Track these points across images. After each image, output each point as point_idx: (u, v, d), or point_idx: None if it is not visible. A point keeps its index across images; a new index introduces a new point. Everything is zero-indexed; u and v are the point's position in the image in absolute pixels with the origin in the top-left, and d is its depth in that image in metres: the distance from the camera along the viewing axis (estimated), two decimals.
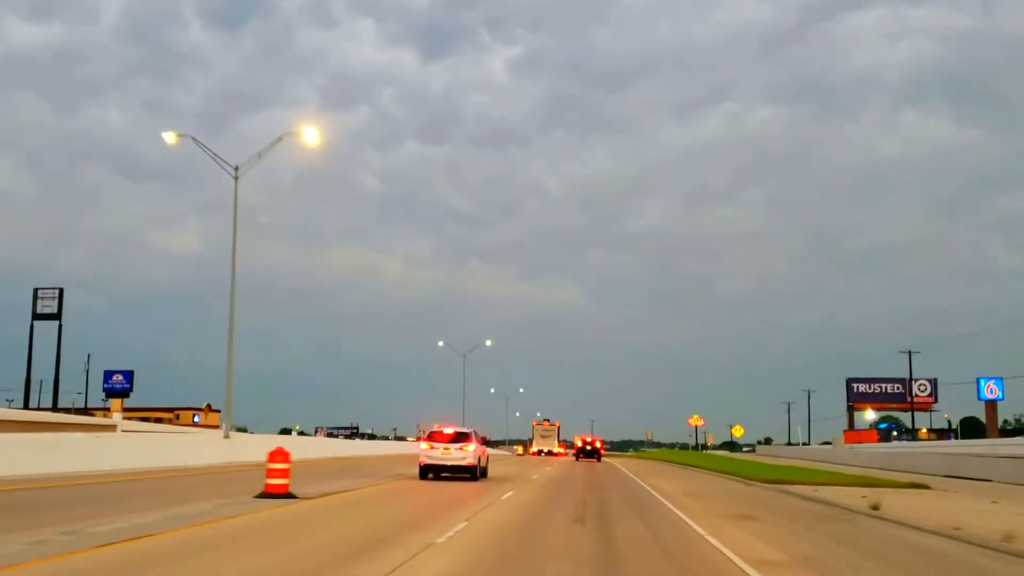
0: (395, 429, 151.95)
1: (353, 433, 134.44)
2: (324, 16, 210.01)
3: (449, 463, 23.41)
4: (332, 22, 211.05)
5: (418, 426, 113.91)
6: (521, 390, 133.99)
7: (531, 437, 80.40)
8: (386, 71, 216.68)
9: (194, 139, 31.65)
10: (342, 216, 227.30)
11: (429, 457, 23.57)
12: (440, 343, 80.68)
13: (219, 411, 64.79)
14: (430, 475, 23.65)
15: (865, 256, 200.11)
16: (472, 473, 23.77)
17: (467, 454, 23.42)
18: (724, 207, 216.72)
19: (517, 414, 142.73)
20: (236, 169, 32.27)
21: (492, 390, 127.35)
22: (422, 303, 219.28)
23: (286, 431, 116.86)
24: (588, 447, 60.10)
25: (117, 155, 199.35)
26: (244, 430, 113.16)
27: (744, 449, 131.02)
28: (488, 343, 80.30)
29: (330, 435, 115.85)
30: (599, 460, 56.78)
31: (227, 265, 33.07)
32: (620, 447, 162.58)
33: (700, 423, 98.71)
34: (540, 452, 74.05)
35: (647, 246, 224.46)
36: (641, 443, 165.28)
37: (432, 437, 24.19)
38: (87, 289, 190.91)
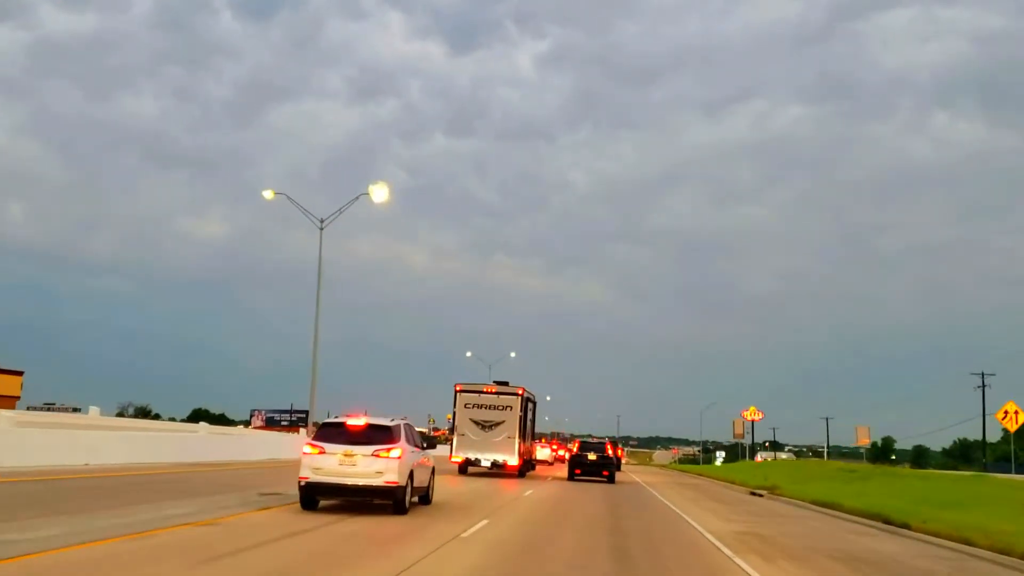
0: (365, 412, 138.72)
1: (295, 421, 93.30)
2: (354, 7, 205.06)
3: (352, 482, 13.59)
4: (361, 13, 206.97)
5: (429, 417, 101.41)
6: (548, 398, 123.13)
7: (453, 425, 33.75)
8: (414, 64, 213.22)
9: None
10: (369, 207, 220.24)
11: (317, 470, 13.66)
12: (468, 354, 74.79)
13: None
14: (320, 500, 14.23)
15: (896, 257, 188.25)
16: (395, 499, 13.92)
17: (387, 465, 13.61)
18: (750, 205, 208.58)
19: (546, 419, 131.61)
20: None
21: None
22: (447, 295, 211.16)
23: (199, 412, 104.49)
24: (594, 456, 32.53)
25: (149, 142, 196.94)
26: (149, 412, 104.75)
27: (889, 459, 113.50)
28: (512, 355, 76.17)
29: (270, 424, 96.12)
30: (612, 478, 32.36)
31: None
32: (648, 443, 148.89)
33: (758, 416, 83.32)
34: (467, 463, 31.69)
35: (672, 242, 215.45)
36: (667, 442, 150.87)
37: (323, 435, 14.23)
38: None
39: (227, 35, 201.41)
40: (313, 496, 13.81)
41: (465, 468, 32.22)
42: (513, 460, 31.33)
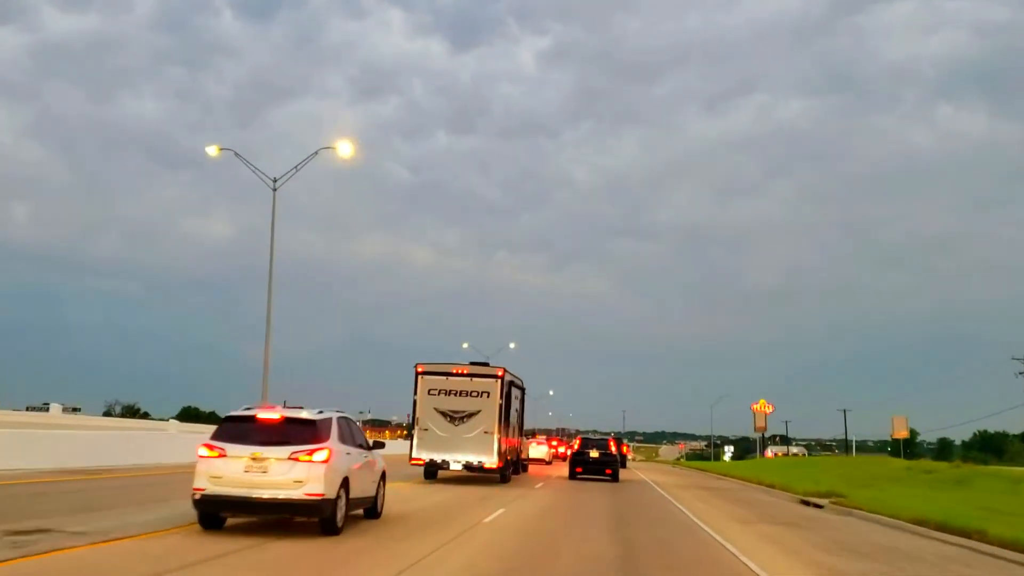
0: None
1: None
2: (354, 6, 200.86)
3: (261, 494, 10.34)
4: (362, 12, 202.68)
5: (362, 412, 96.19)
6: (551, 392, 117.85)
7: (414, 417, 25.28)
8: (415, 62, 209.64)
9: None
10: (372, 205, 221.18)
11: (217, 479, 10.44)
12: (465, 345, 68.65)
13: None
14: (227, 517, 11.00)
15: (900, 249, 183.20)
16: (321, 517, 10.65)
17: (308, 472, 10.44)
18: (754, 199, 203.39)
19: (549, 413, 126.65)
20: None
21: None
22: (450, 292, 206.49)
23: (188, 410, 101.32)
24: (596, 453, 30.43)
25: (151, 143, 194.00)
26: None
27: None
28: (512, 346, 70.14)
29: None
30: (616, 477, 30.06)
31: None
32: (653, 439, 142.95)
33: (768, 410, 77.88)
34: (433, 466, 24.35)
35: (676, 237, 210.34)
36: (673, 437, 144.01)
37: (226, 432, 10.89)
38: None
39: (228, 35, 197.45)
40: (213, 513, 10.80)
41: (432, 472, 24.98)
42: (491, 460, 23.95)
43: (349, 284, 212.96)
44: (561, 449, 54.28)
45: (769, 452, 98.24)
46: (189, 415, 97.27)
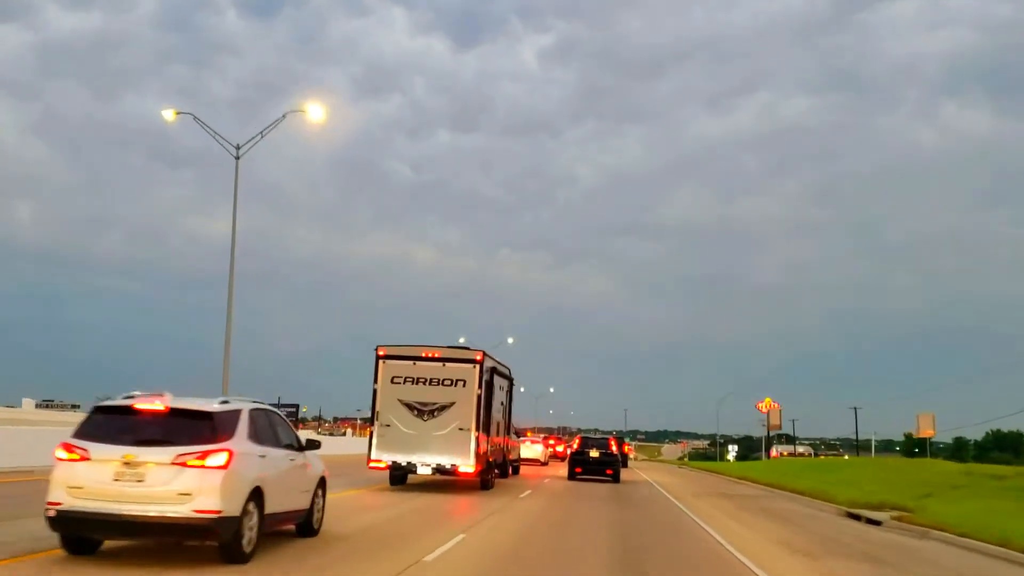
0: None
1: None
2: (356, 4, 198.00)
3: (133, 510, 7.92)
4: (364, 10, 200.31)
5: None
6: (551, 389, 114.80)
7: (374, 410, 19.86)
8: (418, 60, 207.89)
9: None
10: (375, 204, 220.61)
11: (76, 491, 8.02)
12: (461, 340, 62.30)
13: None
14: (99, 540, 8.77)
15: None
16: (219, 540, 8.28)
17: (200, 481, 8.05)
18: (757, 196, 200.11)
19: (551, 411, 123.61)
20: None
21: (522, 388, 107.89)
22: (452, 290, 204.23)
23: None
24: (596, 453, 29.14)
25: (154, 142, 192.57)
26: None
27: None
28: (510, 340, 67.49)
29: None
30: (617, 477, 28.72)
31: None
32: (655, 437, 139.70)
33: (775, 407, 73.74)
34: (398, 469, 19.68)
35: (679, 235, 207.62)
36: (675, 436, 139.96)
37: (93, 428, 8.48)
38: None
39: (231, 34, 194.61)
40: (76, 534, 8.27)
41: (400, 477, 20.54)
42: (467, 464, 19.31)
43: (350, 283, 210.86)
44: (559, 448, 51.39)
45: (774, 451, 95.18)
46: None
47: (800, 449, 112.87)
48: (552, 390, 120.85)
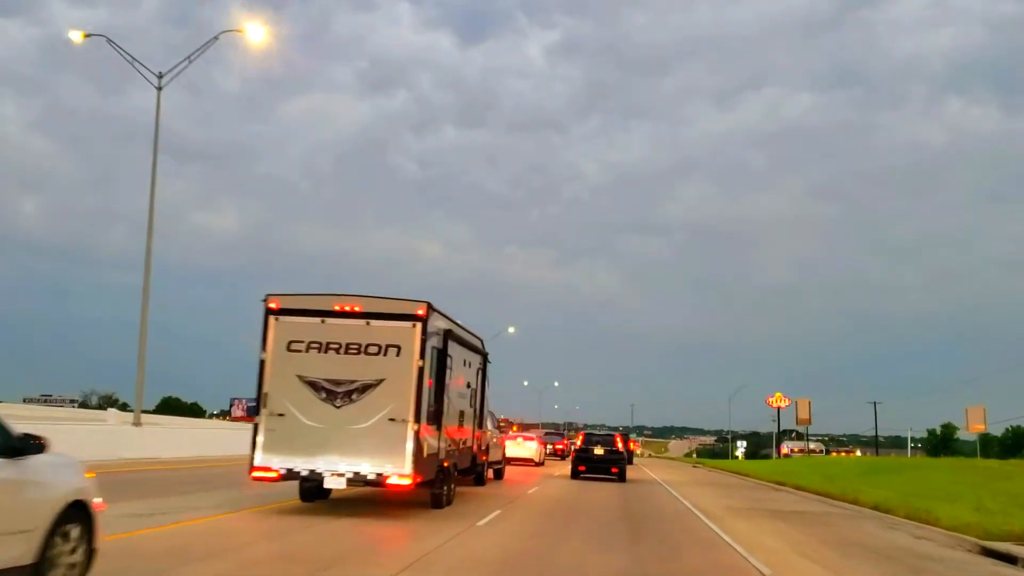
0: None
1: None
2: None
3: None
4: (371, 5, 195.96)
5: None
6: (556, 383, 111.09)
7: (260, 391, 12.84)
8: (424, 56, 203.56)
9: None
10: (381, 200, 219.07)
11: None
12: None
13: None
14: None
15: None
16: None
17: None
18: (763, 193, 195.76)
19: (556, 407, 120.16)
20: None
21: (525, 383, 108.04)
22: (459, 286, 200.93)
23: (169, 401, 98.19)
24: (601, 450, 27.51)
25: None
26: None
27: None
28: (511, 330, 67.97)
29: (252, 414, 77.77)
30: (622, 476, 27.22)
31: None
32: (662, 433, 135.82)
33: (784, 404, 72.22)
34: (295, 478, 12.71)
35: (685, 232, 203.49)
36: (682, 432, 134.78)
37: None
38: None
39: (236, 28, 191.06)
40: None
41: (312, 489, 13.93)
42: (401, 471, 12.39)
43: (357, 279, 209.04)
44: (559, 446, 47.75)
45: (784, 448, 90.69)
46: (170, 406, 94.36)
47: (812, 446, 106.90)
48: (556, 384, 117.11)
